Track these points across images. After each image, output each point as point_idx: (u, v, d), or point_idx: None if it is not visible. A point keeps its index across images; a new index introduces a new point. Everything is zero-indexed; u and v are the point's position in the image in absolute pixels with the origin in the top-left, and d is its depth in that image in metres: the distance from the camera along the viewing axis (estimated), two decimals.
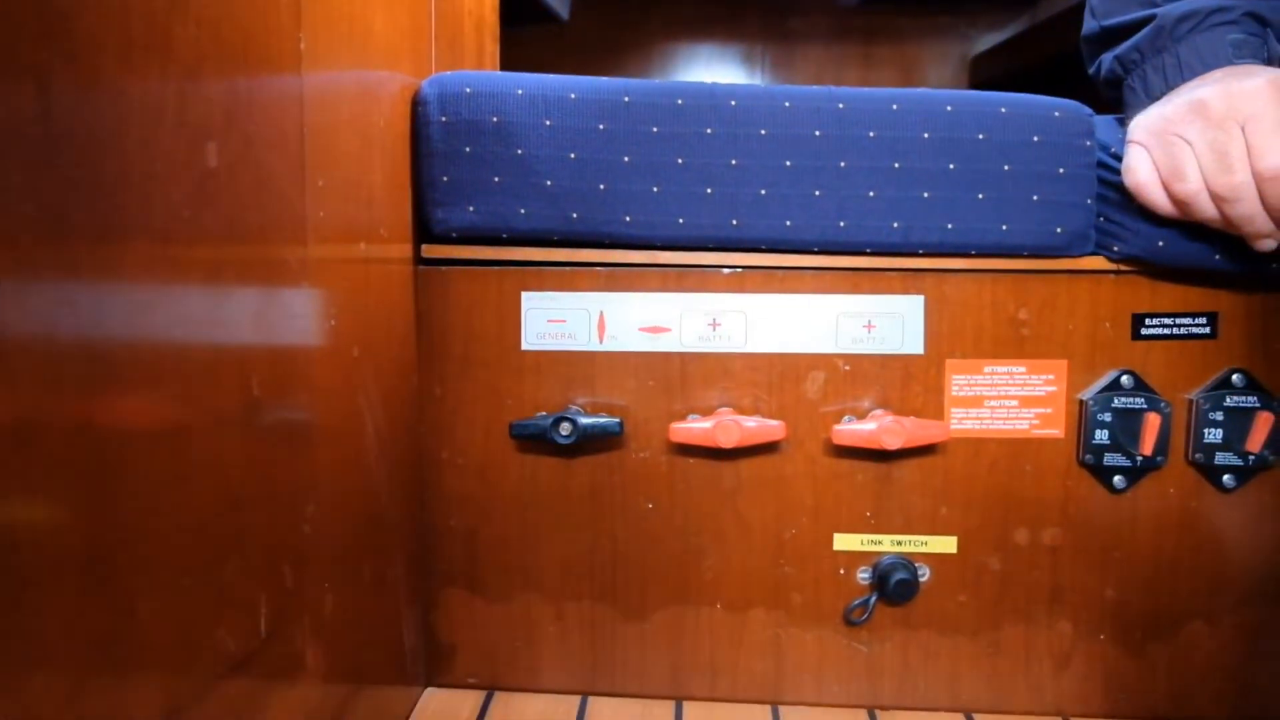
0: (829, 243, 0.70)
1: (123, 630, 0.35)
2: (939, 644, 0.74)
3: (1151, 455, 0.70)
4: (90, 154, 0.32)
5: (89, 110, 0.32)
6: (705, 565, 0.74)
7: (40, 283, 0.30)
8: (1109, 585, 0.73)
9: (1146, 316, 0.71)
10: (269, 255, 0.46)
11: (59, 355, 0.30)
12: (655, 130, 0.69)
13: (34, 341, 0.29)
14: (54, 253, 0.30)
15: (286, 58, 0.47)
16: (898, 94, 0.69)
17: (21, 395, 0.29)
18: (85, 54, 0.31)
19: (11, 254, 0.28)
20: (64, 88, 0.30)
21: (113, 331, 0.33)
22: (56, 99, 0.30)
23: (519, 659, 0.76)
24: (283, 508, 0.49)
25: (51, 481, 0.30)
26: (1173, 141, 0.64)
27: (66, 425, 0.31)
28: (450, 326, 0.72)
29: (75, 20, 0.31)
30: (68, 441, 0.31)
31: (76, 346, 0.31)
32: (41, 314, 0.30)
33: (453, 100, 0.68)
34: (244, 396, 0.44)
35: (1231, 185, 0.61)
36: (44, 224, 0.29)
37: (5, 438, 0.28)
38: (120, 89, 0.33)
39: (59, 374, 0.30)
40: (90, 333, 0.32)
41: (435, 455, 0.73)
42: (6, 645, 0.28)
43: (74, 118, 0.31)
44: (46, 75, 0.29)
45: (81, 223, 0.31)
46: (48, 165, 0.30)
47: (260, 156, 0.44)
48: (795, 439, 0.72)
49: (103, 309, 0.33)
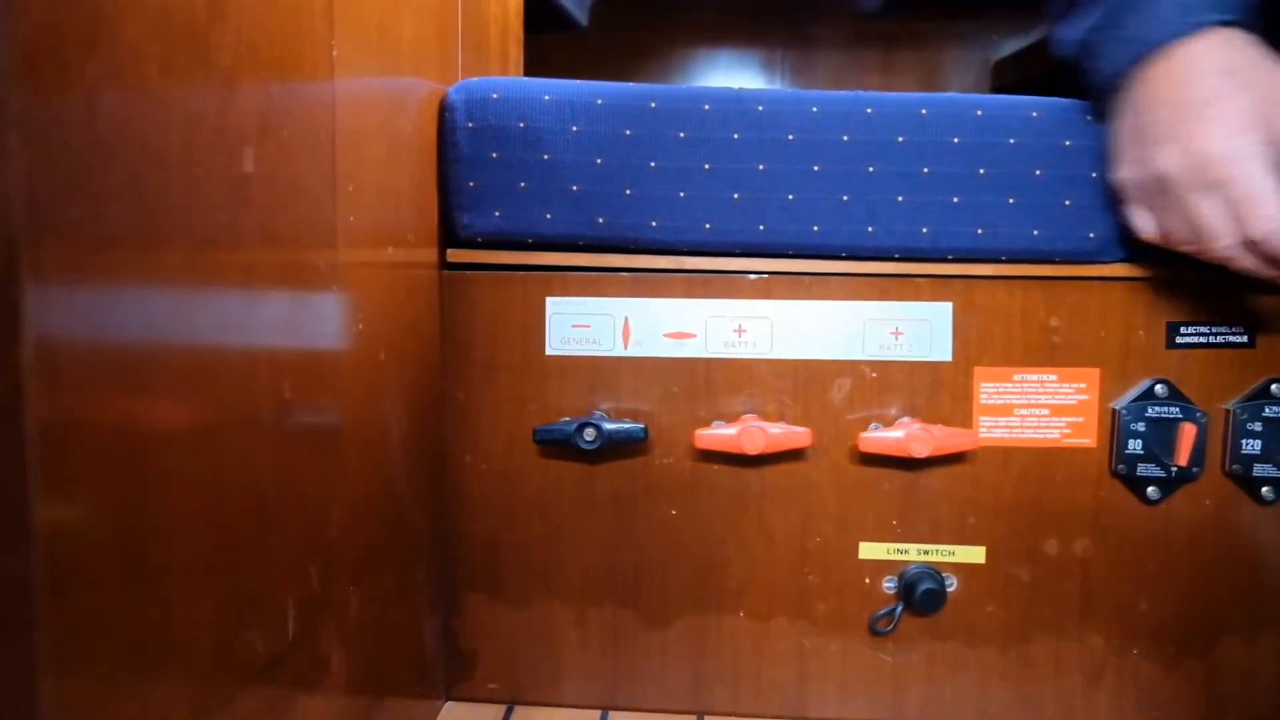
0: (857, 248, 0.70)
1: (155, 630, 0.35)
2: (966, 656, 0.73)
3: (1187, 466, 0.69)
4: (134, 161, 0.32)
5: (133, 118, 0.32)
6: (729, 573, 0.74)
7: (85, 287, 0.30)
8: (1142, 598, 0.72)
9: (1182, 325, 0.70)
10: (300, 259, 0.46)
11: (100, 358, 0.31)
12: (682, 135, 0.68)
13: (77, 344, 0.29)
14: (99, 258, 0.30)
15: (320, 65, 0.47)
16: (927, 98, 0.69)
17: (64, 397, 0.29)
18: (130, 63, 0.32)
19: (59, 260, 0.28)
20: (110, 97, 0.30)
21: (151, 335, 0.34)
22: (102, 108, 0.30)
23: (539, 667, 0.75)
24: (310, 510, 0.49)
25: (89, 482, 0.31)
26: (1166, 206, 0.63)
27: (104, 427, 0.31)
28: (475, 331, 0.72)
29: (121, 30, 0.31)
30: (105, 443, 0.31)
31: (116, 349, 0.32)
32: (85, 318, 0.30)
33: (480, 106, 0.68)
34: (275, 399, 0.44)
35: (1223, 249, 0.60)
36: (90, 230, 0.30)
37: (47, 438, 0.28)
38: (162, 97, 0.34)
39: (99, 376, 0.31)
40: (129, 336, 0.32)
41: (458, 460, 0.73)
42: (45, 645, 0.28)
43: (118, 126, 0.31)
44: (94, 85, 0.30)
45: (125, 229, 0.32)
46: (94, 173, 0.30)
47: (294, 162, 0.45)
48: (821, 446, 0.72)
49: (142, 312, 0.33)
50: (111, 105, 0.31)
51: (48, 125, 0.28)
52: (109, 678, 0.32)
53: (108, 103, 0.30)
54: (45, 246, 0.28)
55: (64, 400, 0.29)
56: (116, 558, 0.32)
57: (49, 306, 0.28)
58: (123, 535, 0.32)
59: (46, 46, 0.28)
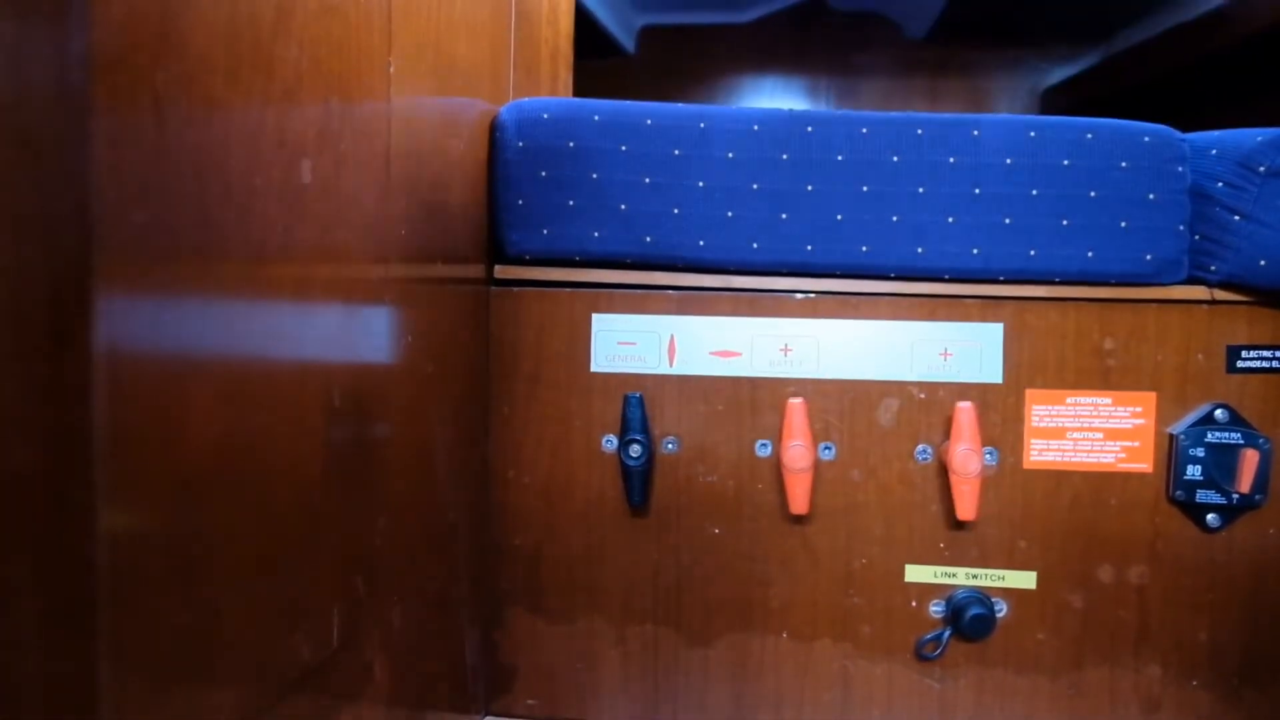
0: (906, 269, 0.69)
1: (205, 633, 0.35)
2: (1016, 683, 0.72)
3: (1249, 493, 0.67)
4: (198, 170, 0.33)
5: (199, 127, 0.33)
6: (771, 593, 0.73)
7: (149, 297, 0.30)
8: (1202, 628, 0.70)
9: (1243, 349, 0.68)
10: (353, 271, 0.47)
11: (159, 368, 0.31)
12: (731, 156, 0.69)
13: (138, 354, 0.30)
14: (163, 266, 0.31)
15: (377, 81, 0.49)
16: (979, 119, 0.68)
17: (126, 405, 0.29)
18: (198, 74, 0.32)
19: (126, 269, 0.29)
20: (177, 105, 0.31)
21: (208, 344, 0.34)
22: (170, 116, 0.31)
23: (579, 683, 0.75)
24: (356, 519, 0.49)
25: (148, 489, 0.31)
26: None
27: (162, 435, 0.32)
28: (521, 347, 0.73)
29: (190, 40, 0.32)
30: (163, 450, 0.32)
31: (175, 359, 0.32)
32: (147, 327, 0.30)
33: (530, 126, 0.69)
34: (326, 409, 0.44)
35: None
36: (154, 238, 0.30)
37: (112, 446, 0.29)
38: (227, 107, 0.34)
39: (158, 385, 0.31)
40: (188, 345, 0.33)
41: (502, 474, 0.74)
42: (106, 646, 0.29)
43: (184, 134, 0.32)
44: (163, 93, 0.30)
45: (187, 237, 0.32)
46: (160, 180, 0.31)
47: (350, 175, 0.46)
48: (867, 467, 0.71)
49: (201, 322, 0.34)
50: (179, 114, 0.31)
51: (119, 131, 0.28)
52: (163, 678, 0.33)
53: (176, 111, 0.31)
54: (113, 255, 0.28)
55: (126, 409, 0.29)
56: (172, 562, 0.33)
57: (116, 316, 0.29)
58: (178, 540, 0.33)
59: (119, 51, 0.28)
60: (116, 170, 0.28)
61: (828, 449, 0.71)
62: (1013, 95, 1.75)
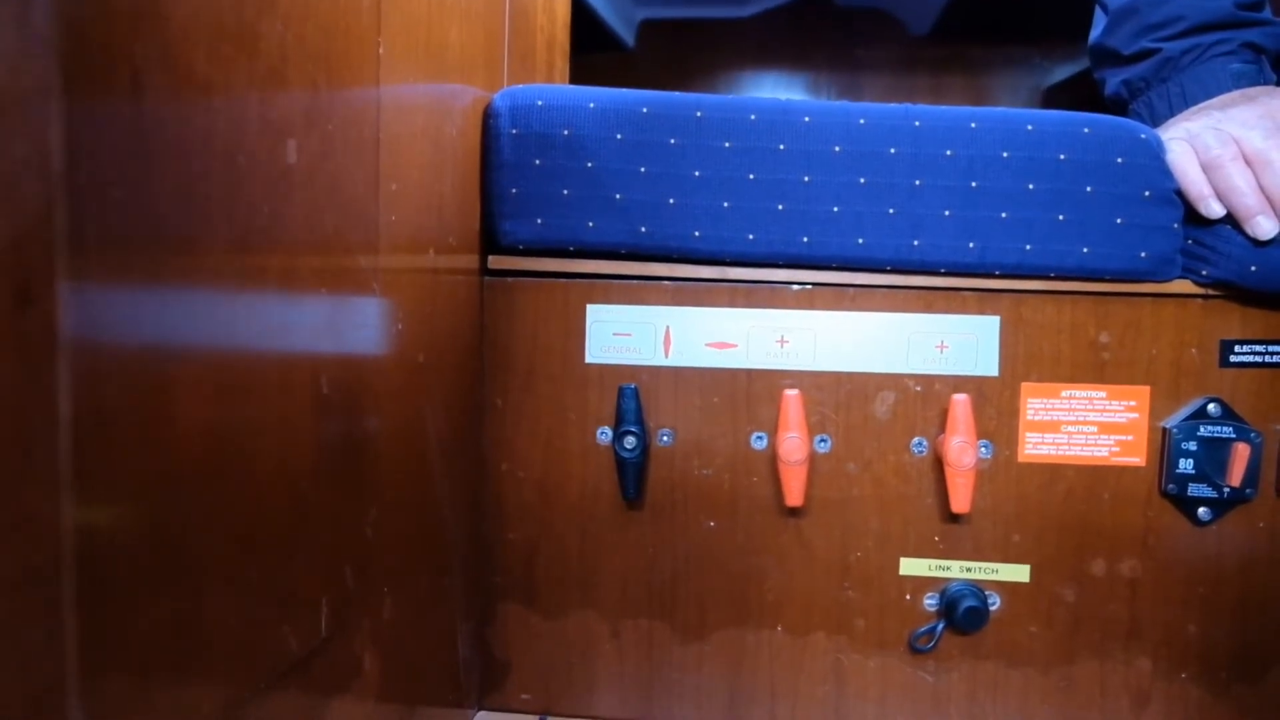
0: (902, 261, 0.69)
1: (189, 624, 0.35)
2: (1008, 676, 0.72)
3: (1240, 487, 0.67)
4: (178, 148, 0.32)
5: (179, 104, 0.32)
6: (766, 586, 0.73)
7: (126, 283, 0.30)
8: (1192, 621, 0.70)
9: (1236, 343, 0.68)
10: (341, 258, 0.47)
11: (139, 356, 0.31)
12: (727, 145, 0.68)
13: (114, 343, 0.29)
14: (141, 251, 0.30)
15: (366, 62, 0.48)
16: (976, 112, 0.68)
17: (103, 395, 0.29)
18: (177, 48, 0.32)
19: (100, 254, 0.28)
20: (156, 82, 0.30)
21: (190, 329, 0.34)
22: (149, 93, 0.30)
23: (573, 678, 0.75)
24: (346, 510, 0.49)
25: (123, 480, 0.30)
26: None
27: (140, 425, 0.31)
28: (514, 338, 0.73)
29: (169, 14, 0.31)
30: (140, 441, 0.31)
31: (156, 347, 0.32)
32: (123, 313, 0.30)
33: (524, 113, 0.69)
34: (314, 399, 0.44)
35: None
36: (132, 219, 0.30)
37: (79, 437, 0.28)
38: (209, 84, 0.34)
39: (136, 374, 0.31)
40: (170, 331, 0.32)
41: (495, 467, 0.73)
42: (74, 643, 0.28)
43: (163, 111, 0.31)
44: (140, 66, 0.30)
45: (167, 219, 0.32)
46: (138, 160, 0.30)
47: (337, 157, 0.45)
48: (862, 460, 0.71)
49: (184, 307, 0.33)
50: (157, 88, 0.30)
51: (93, 107, 0.27)
52: (142, 673, 0.32)
53: (153, 85, 0.30)
54: (85, 240, 0.27)
55: (100, 398, 0.29)
56: (150, 554, 0.32)
57: (86, 302, 0.28)
58: (157, 532, 0.32)
59: (94, 20, 0.27)
60: (89, 148, 0.27)
61: (823, 441, 0.71)
62: (1015, 93, 1.75)
